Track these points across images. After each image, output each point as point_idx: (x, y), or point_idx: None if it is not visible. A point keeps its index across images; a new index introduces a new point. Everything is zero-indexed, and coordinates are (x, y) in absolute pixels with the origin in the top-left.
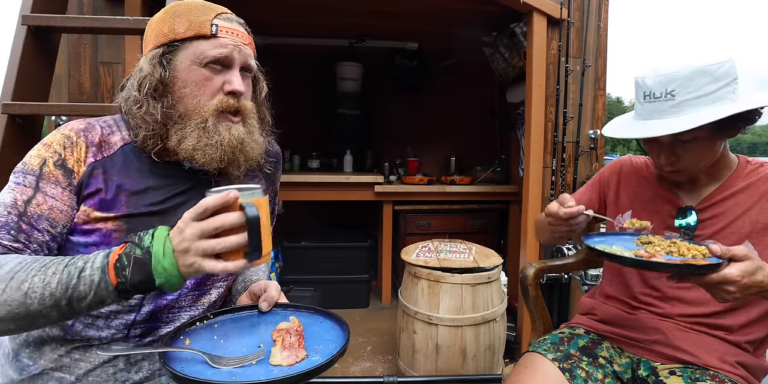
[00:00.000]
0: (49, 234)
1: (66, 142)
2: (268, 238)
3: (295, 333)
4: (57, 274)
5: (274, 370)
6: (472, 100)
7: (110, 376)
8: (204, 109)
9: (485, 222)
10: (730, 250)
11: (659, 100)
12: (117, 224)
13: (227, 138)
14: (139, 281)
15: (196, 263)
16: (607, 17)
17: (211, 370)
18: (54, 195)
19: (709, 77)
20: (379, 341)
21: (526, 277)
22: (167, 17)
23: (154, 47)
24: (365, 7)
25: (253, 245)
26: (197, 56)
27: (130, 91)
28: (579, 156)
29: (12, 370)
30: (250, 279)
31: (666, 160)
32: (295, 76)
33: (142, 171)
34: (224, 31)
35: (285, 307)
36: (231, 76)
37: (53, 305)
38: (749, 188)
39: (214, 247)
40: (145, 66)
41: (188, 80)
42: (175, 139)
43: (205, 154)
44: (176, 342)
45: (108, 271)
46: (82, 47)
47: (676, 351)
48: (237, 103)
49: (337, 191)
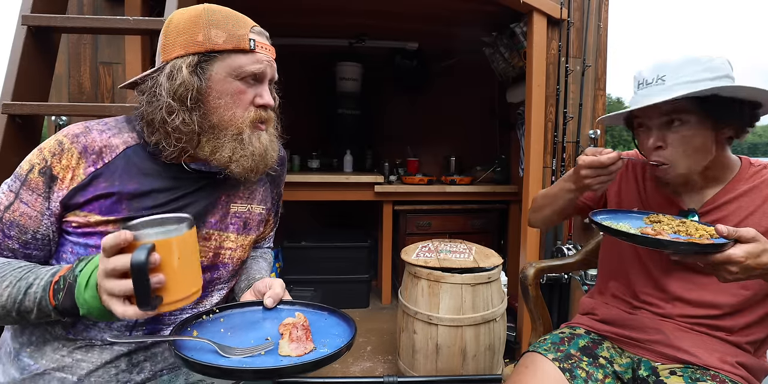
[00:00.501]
0: (19, 241)
1: (56, 148)
2: (179, 280)
3: (301, 327)
4: (9, 288)
5: (284, 360)
6: (472, 100)
7: (112, 377)
8: (239, 121)
9: (485, 222)
10: (737, 232)
11: (650, 85)
12: (117, 227)
13: (258, 147)
14: (69, 306)
15: (106, 301)
16: (607, 17)
17: (221, 359)
18: (27, 201)
19: (700, 66)
20: (379, 341)
21: (526, 277)
22: (201, 24)
23: (186, 54)
24: (365, 7)
25: (139, 294)
26: (234, 69)
27: (158, 98)
28: (579, 156)
29: (14, 369)
30: (253, 277)
31: (653, 145)
32: (294, 76)
33: (146, 173)
34: (260, 46)
35: (290, 304)
36: (263, 91)
37: (6, 314)
38: (753, 191)
39: (114, 289)
40: (183, 73)
41: (223, 92)
42: (207, 148)
43: (240, 165)
44: (184, 333)
45: (48, 290)
46: (82, 47)
47: (677, 351)
48: (267, 115)
49: (337, 191)
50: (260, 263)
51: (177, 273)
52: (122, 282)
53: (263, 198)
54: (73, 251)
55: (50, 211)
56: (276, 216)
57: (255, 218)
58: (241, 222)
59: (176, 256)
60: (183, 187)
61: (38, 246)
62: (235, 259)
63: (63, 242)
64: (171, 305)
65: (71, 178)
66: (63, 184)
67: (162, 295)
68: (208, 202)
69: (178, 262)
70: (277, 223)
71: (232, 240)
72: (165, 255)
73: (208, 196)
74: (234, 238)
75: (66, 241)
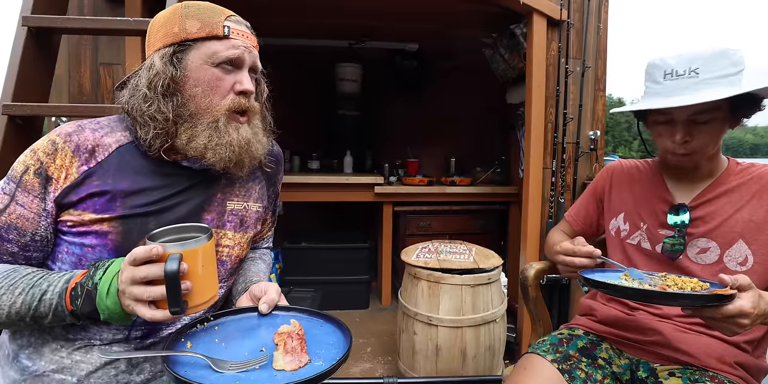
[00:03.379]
0: (18, 244)
1: (50, 148)
2: (203, 286)
3: (296, 337)
4: (22, 295)
5: (278, 375)
6: (472, 101)
7: (112, 378)
8: (216, 108)
9: (485, 223)
10: (737, 280)
11: (682, 77)
12: (112, 226)
13: (236, 138)
14: (89, 312)
15: (131, 306)
16: (607, 18)
17: (214, 374)
18: (24, 203)
19: (728, 60)
20: (379, 342)
21: (526, 278)
22: (176, 18)
23: (163, 46)
24: (365, 8)
25: (171, 299)
26: (210, 56)
27: (138, 89)
28: (579, 157)
29: (12, 371)
30: (251, 279)
31: (681, 140)
32: (295, 77)
33: (139, 171)
34: (235, 32)
35: (285, 310)
36: (241, 77)
37: (19, 320)
38: (741, 187)
39: (142, 295)
40: (156, 64)
41: (200, 79)
42: (184, 137)
43: (216, 153)
44: (178, 345)
45: (65, 296)
46: (83, 48)
47: (675, 352)
48: (247, 103)
49: (337, 192)
50: (259, 265)
51: (201, 279)
52: (151, 288)
53: (260, 196)
54: (69, 251)
55: (47, 212)
56: (274, 215)
57: (252, 216)
58: (237, 219)
59: (200, 264)
60: (176, 184)
61: (37, 247)
62: (233, 257)
63: (58, 242)
64: (194, 309)
65: (65, 178)
66: (57, 184)
67: (187, 299)
68: (203, 200)
69: (201, 270)
70: (275, 222)
71: (229, 237)
72: (191, 264)
73: (203, 193)
74: (231, 235)
75: (61, 241)
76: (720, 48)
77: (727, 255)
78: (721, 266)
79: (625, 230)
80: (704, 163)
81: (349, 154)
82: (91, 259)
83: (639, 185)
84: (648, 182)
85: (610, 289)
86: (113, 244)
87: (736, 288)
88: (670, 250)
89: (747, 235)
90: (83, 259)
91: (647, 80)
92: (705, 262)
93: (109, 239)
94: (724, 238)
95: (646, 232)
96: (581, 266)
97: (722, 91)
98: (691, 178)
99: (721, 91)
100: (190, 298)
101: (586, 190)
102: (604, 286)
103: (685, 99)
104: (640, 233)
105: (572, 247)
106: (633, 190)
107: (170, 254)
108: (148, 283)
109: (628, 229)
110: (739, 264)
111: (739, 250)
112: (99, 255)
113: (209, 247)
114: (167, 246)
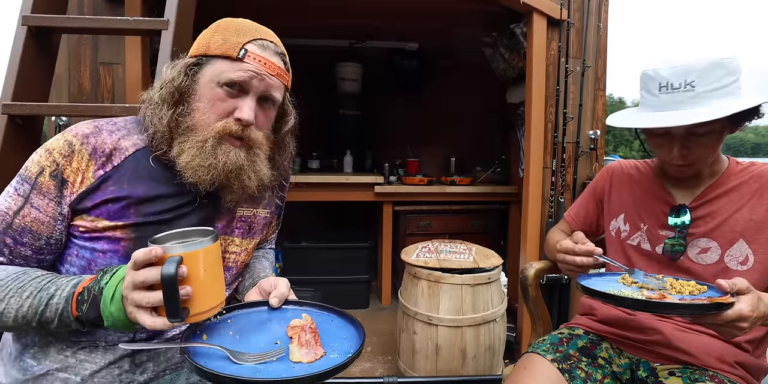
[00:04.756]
0: (32, 247)
1: (66, 149)
2: (205, 292)
3: (309, 330)
4: (30, 298)
5: (295, 367)
6: (472, 100)
7: (115, 378)
8: (208, 128)
9: (485, 222)
10: (735, 284)
11: (678, 91)
12: (125, 233)
13: (223, 161)
14: (93, 318)
15: (133, 313)
16: (607, 18)
17: (233, 365)
18: (39, 206)
19: (724, 70)
20: (379, 342)
21: (526, 277)
22: (212, 31)
23: (190, 56)
24: (368, 8)
25: (168, 304)
26: (217, 75)
27: (151, 92)
28: (579, 156)
29: (15, 370)
30: (258, 275)
31: (679, 153)
32: (295, 76)
33: (155, 178)
34: (252, 56)
35: (296, 304)
36: (242, 103)
37: (26, 324)
38: (741, 187)
39: (142, 300)
40: (173, 72)
41: (204, 95)
42: (176, 150)
43: (196, 173)
44: (194, 337)
45: (71, 301)
46: (83, 48)
47: (675, 351)
48: (241, 131)
49: (337, 192)
50: (263, 262)
51: (203, 285)
52: (150, 294)
53: (269, 202)
54: (79, 255)
55: (63, 216)
56: (279, 219)
57: (260, 222)
58: (246, 226)
59: (202, 269)
60: (191, 192)
61: (51, 251)
62: (239, 263)
63: (69, 245)
64: (197, 316)
65: (81, 182)
66: (73, 188)
67: (188, 306)
68: (215, 207)
69: (204, 274)
70: (279, 225)
71: (236, 244)
72: (192, 267)
73: (214, 201)
74: (239, 242)
75: (72, 244)
76: (714, 58)
77: (727, 254)
78: (722, 266)
79: (626, 231)
80: (705, 168)
81: (349, 154)
82: (101, 264)
83: (639, 186)
84: (648, 183)
85: (608, 299)
86: (124, 251)
87: (734, 292)
88: (670, 250)
89: (747, 235)
90: (93, 263)
91: (642, 89)
92: (706, 262)
93: (121, 245)
94: (724, 238)
95: (647, 232)
96: (581, 265)
97: (719, 105)
98: (691, 180)
99: (718, 106)
100: (192, 305)
101: (586, 190)
102: (602, 295)
103: (680, 115)
104: (640, 234)
105: (572, 246)
106: (633, 191)
107: (169, 256)
108: (149, 288)
109: (628, 230)
110: (739, 263)
111: (740, 250)
112: (109, 260)
113: (213, 250)
114: (167, 248)
